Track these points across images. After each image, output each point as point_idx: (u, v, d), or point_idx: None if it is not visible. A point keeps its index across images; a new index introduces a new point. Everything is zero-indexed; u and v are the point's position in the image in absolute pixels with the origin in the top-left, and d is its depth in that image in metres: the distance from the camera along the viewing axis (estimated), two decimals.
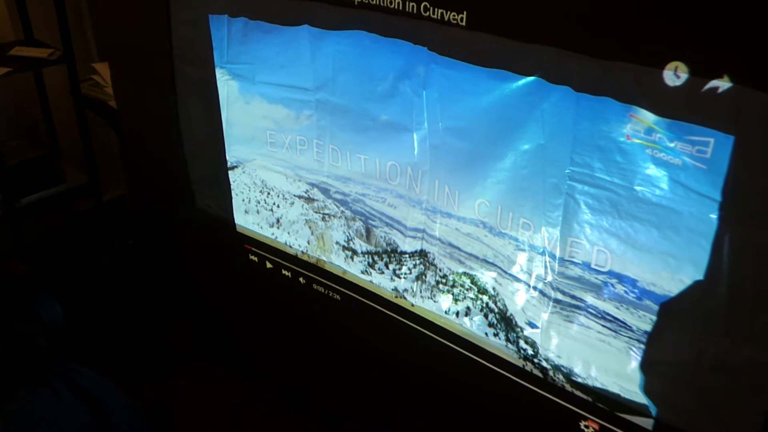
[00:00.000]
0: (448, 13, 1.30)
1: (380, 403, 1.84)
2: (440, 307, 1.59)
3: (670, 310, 1.23)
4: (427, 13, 1.33)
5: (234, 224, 1.96)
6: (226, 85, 1.78)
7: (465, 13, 1.28)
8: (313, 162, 1.70)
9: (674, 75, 1.07)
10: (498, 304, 1.48)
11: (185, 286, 2.21)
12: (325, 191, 1.72)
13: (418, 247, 1.58)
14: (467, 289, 1.52)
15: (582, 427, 1.44)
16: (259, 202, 1.88)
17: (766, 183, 1.04)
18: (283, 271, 1.91)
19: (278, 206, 1.83)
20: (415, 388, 1.73)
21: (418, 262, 1.59)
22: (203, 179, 1.98)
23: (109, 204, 2.59)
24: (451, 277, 1.54)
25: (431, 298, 1.60)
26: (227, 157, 1.88)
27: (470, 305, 1.53)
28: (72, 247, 2.47)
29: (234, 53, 1.72)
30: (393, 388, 1.79)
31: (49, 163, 2.42)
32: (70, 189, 2.36)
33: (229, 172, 1.89)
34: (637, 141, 1.16)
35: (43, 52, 2.19)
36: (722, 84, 1.03)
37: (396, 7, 1.37)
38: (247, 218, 1.93)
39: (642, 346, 1.28)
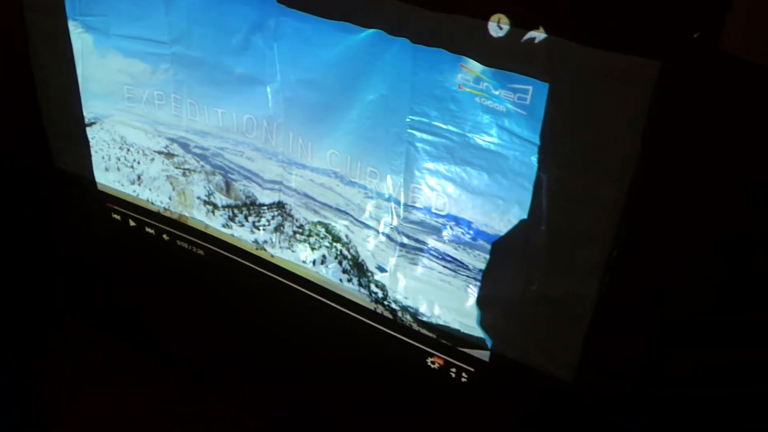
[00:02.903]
0: None
1: (246, 356, 1.88)
2: (298, 256, 1.64)
3: (500, 248, 1.33)
4: None
5: (95, 182, 1.93)
6: (79, 38, 1.74)
7: None
8: (171, 117, 1.70)
9: (497, 26, 1.16)
10: (351, 250, 1.55)
11: (49, 246, 2.15)
12: (185, 146, 1.72)
13: (276, 199, 1.62)
14: (322, 238, 1.58)
15: (429, 363, 1.53)
16: (119, 159, 1.85)
17: (576, 127, 1.16)
18: (147, 229, 1.90)
19: (139, 163, 1.82)
20: (277, 337, 1.78)
21: (276, 213, 1.64)
22: (61, 136, 1.93)
23: None
24: (307, 227, 1.60)
25: (289, 249, 1.65)
26: (84, 113, 1.84)
27: (326, 253, 1.59)
28: None
29: (87, 5, 1.68)
30: (258, 340, 1.83)
31: None
32: None
33: (87, 129, 1.86)
34: (467, 90, 1.24)
35: None
36: (538, 35, 1.13)
37: None
38: (107, 176, 1.90)
39: (478, 283, 1.39)
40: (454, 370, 1.50)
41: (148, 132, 1.76)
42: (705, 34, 1.02)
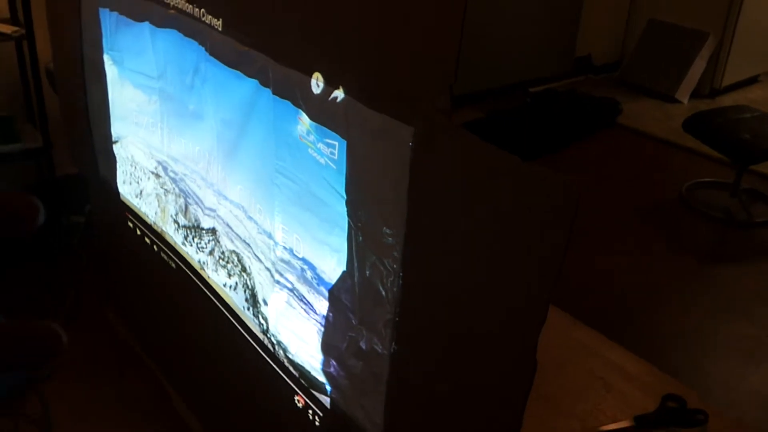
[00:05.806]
0: (212, 18, 1.52)
1: (185, 362, 2.06)
2: (221, 280, 1.78)
3: (332, 297, 1.37)
4: (204, 18, 1.55)
5: (118, 193, 2.24)
6: (110, 68, 2.06)
7: (221, 19, 1.50)
8: (158, 142, 1.95)
9: (317, 84, 1.24)
10: (250, 281, 1.66)
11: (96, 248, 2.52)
12: (165, 169, 1.96)
13: (211, 225, 1.78)
14: (235, 266, 1.71)
15: (296, 401, 1.58)
16: (130, 174, 2.14)
17: (364, 184, 1.19)
18: (146, 239, 2.17)
19: (141, 180, 2.09)
20: (208, 351, 1.93)
21: (211, 238, 1.80)
22: (100, 150, 2.28)
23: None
24: (226, 254, 1.74)
25: (216, 272, 1.80)
26: (112, 132, 2.16)
27: (237, 281, 1.72)
28: None
29: (112, 41, 2.00)
30: (203, 353, 1.99)
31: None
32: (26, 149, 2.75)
33: (113, 146, 2.17)
34: (304, 141, 1.32)
35: (8, 29, 2.58)
36: (339, 94, 1.19)
37: (190, 12, 1.60)
38: (124, 188, 2.20)
39: (322, 328, 1.43)
40: (311, 411, 1.54)
41: (146, 153, 2.03)
42: (445, 108, 1.02)
